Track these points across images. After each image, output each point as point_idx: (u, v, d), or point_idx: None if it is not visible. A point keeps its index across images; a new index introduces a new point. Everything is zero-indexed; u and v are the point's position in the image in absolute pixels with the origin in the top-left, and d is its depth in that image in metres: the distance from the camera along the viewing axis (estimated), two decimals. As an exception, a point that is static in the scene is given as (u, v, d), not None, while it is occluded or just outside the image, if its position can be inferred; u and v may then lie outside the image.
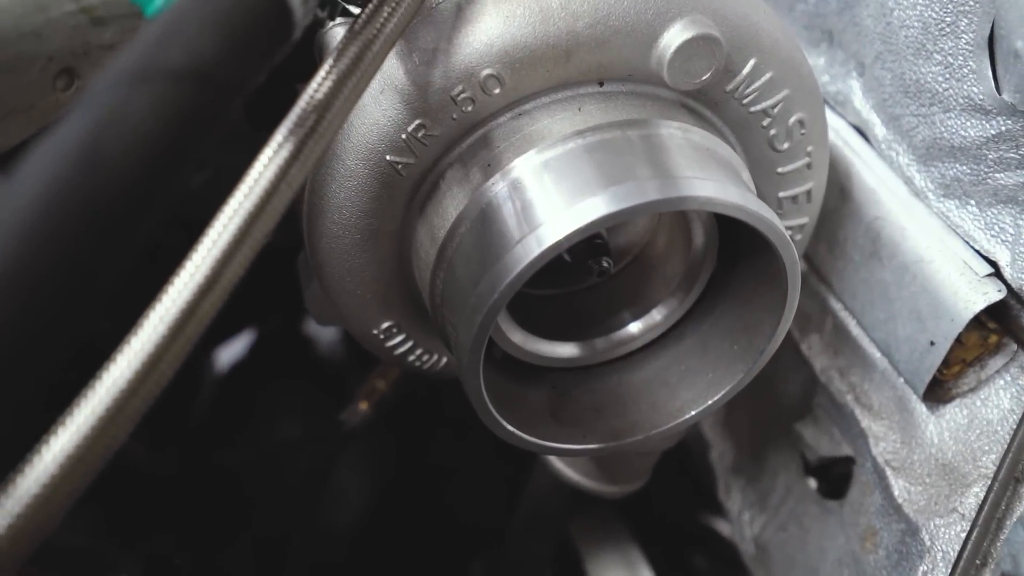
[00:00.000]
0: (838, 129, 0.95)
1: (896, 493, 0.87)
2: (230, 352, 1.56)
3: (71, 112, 0.33)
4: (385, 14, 0.60)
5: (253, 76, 0.42)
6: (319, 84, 0.55)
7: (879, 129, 0.90)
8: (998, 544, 0.75)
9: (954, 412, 0.85)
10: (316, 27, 0.77)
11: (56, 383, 0.39)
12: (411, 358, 0.89)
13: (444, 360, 0.92)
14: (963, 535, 0.79)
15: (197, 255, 0.46)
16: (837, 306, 0.97)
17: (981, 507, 0.76)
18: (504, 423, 0.74)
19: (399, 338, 0.86)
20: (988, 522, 0.75)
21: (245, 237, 0.48)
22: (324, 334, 1.60)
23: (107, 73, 0.35)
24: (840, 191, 0.93)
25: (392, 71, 0.69)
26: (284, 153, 0.51)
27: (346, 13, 0.75)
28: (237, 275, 0.48)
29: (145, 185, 0.34)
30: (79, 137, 0.32)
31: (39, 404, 0.37)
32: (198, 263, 0.46)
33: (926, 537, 0.83)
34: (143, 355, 0.42)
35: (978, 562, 0.74)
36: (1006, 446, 0.77)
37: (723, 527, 1.35)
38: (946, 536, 0.82)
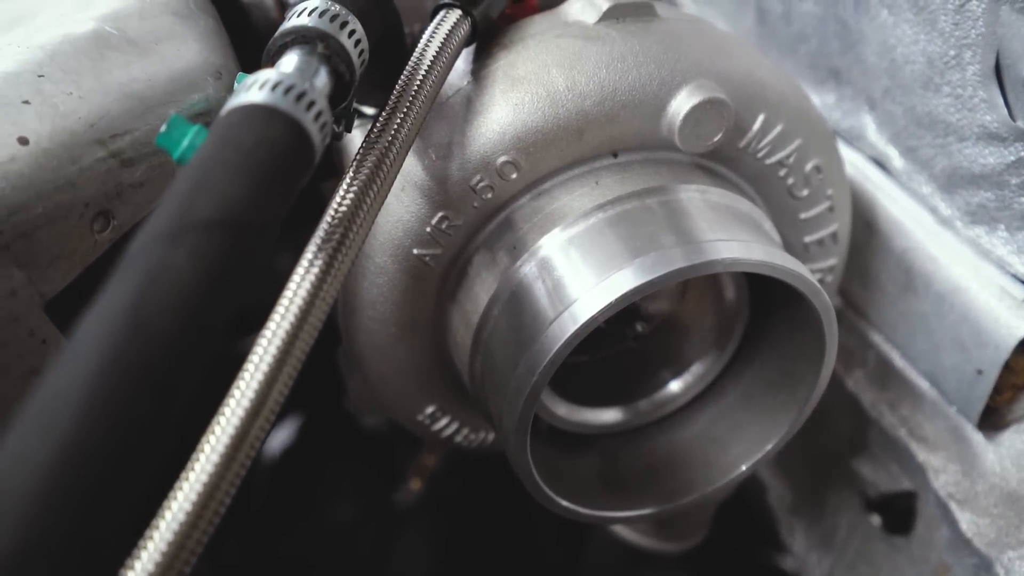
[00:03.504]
0: (856, 163, 0.95)
1: (964, 527, 0.85)
2: (279, 439, 1.58)
3: (114, 278, 0.35)
4: (400, 117, 0.62)
5: (282, 211, 0.43)
6: (342, 196, 0.57)
7: (897, 161, 0.90)
8: (1076, 574, 0.73)
9: (1012, 439, 0.83)
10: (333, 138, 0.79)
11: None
12: (458, 438, 0.90)
13: (491, 436, 0.92)
14: (1039, 566, 0.77)
15: (242, 382, 0.48)
16: (878, 339, 0.96)
17: (1053, 537, 0.74)
18: (557, 498, 0.74)
19: (444, 421, 0.87)
20: (1063, 552, 0.73)
21: (286, 357, 0.49)
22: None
23: (144, 233, 0.37)
24: (866, 226, 0.93)
25: (411, 168, 0.71)
26: (315, 271, 0.52)
27: (362, 115, 0.77)
28: (282, 395, 0.49)
29: (188, 340, 0.35)
30: (123, 304, 0.33)
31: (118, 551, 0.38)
32: (243, 389, 0.47)
33: (1001, 571, 0.81)
34: (198, 489, 0.44)
35: (1058, 595, 0.72)
36: (1070, 471, 0.76)
37: (789, 566, 1.32)
38: (1021, 569, 0.80)
